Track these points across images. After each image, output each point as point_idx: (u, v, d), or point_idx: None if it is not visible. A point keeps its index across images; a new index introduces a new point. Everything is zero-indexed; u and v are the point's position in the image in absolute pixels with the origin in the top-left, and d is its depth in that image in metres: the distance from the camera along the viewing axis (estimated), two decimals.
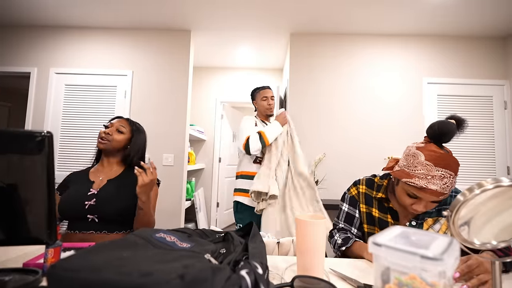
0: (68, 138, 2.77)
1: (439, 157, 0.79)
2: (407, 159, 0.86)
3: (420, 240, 0.38)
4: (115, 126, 1.23)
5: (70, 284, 0.39)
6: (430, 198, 0.80)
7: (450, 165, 0.79)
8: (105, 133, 1.21)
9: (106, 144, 1.20)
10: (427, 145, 0.83)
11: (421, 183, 0.79)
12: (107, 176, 1.21)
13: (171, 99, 2.86)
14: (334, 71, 2.88)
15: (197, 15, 2.63)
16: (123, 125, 1.25)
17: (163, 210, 2.69)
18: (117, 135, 1.22)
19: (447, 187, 0.78)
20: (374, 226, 1.01)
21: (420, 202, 0.84)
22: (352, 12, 2.51)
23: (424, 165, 0.80)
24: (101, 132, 1.22)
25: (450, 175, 0.78)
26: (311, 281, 0.59)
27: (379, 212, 1.00)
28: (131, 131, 1.26)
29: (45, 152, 0.57)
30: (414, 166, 0.82)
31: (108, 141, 1.21)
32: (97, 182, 1.19)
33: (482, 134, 2.73)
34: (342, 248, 0.96)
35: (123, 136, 1.23)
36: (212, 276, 0.41)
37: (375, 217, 1.01)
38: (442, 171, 0.78)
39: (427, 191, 0.79)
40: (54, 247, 0.64)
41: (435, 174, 0.78)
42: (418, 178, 0.80)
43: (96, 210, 1.10)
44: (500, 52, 2.81)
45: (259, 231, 0.72)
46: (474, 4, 2.33)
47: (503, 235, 0.52)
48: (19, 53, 2.87)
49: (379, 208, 1.00)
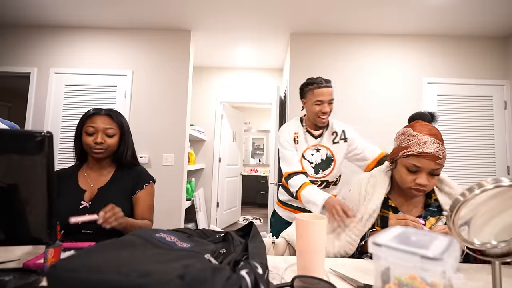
0: (68, 138, 2.76)
1: (425, 127, 0.92)
2: (399, 138, 0.98)
3: (420, 240, 0.38)
4: (101, 130, 1.09)
5: (70, 284, 0.39)
6: (429, 165, 0.87)
7: (436, 134, 0.90)
8: (97, 143, 1.08)
9: (103, 152, 1.11)
10: (413, 122, 0.97)
11: (417, 149, 0.89)
12: (98, 183, 1.12)
13: (171, 99, 2.86)
14: (334, 71, 2.88)
15: (197, 15, 2.63)
16: (108, 126, 1.11)
17: (163, 210, 2.69)
18: (109, 139, 1.11)
19: (440, 151, 0.87)
20: (374, 225, 1.01)
21: (421, 173, 0.89)
22: (352, 12, 2.51)
23: (414, 135, 0.91)
24: (90, 144, 1.08)
25: (439, 142, 0.89)
26: (311, 281, 0.59)
27: (382, 208, 1.00)
28: (118, 128, 1.15)
29: (45, 152, 0.57)
30: (407, 139, 0.93)
31: (104, 149, 1.11)
32: (89, 191, 1.09)
33: (482, 134, 2.72)
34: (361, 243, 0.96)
35: (114, 138, 1.13)
36: (212, 276, 0.41)
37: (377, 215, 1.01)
38: (431, 138, 0.89)
39: (424, 155, 0.87)
40: (54, 247, 0.64)
41: (426, 140, 0.88)
42: (413, 146, 0.90)
43: (90, 226, 1.01)
44: (500, 52, 2.81)
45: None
46: (474, 4, 2.33)
47: (503, 235, 0.52)
48: (19, 53, 2.87)
49: (382, 206, 1.01)
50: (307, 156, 1.45)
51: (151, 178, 1.23)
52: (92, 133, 1.09)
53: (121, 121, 1.16)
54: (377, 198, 0.99)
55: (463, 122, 2.74)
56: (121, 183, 1.15)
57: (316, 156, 1.45)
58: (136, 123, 2.82)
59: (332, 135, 1.49)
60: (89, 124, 1.09)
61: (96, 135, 1.09)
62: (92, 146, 1.09)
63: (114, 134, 1.13)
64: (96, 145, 1.09)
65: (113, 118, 1.14)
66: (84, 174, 1.15)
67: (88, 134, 1.09)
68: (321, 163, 1.45)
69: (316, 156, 1.45)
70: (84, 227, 1.03)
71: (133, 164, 1.22)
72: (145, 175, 1.21)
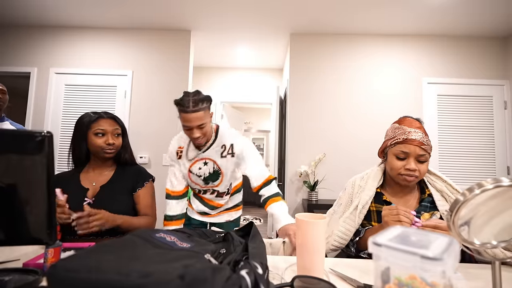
0: (68, 138, 2.76)
1: (410, 121, 1.01)
2: (388, 133, 1.06)
3: (420, 240, 0.38)
4: (110, 131, 1.16)
5: (70, 284, 0.39)
6: (415, 150, 0.94)
7: (420, 127, 0.99)
8: (110, 144, 1.15)
9: (114, 152, 1.18)
10: (399, 118, 1.06)
11: (403, 136, 0.97)
12: (100, 182, 1.17)
13: (171, 99, 2.86)
14: (334, 71, 2.88)
15: (197, 15, 2.63)
16: (116, 127, 1.18)
17: (163, 210, 2.68)
18: (117, 140, 1.18)
19: (424, 138, 0.95)
20: (371, 221, 1.02)
21: (409, 159, 0.95)
22: (352, 13, 2.51)
23: (400, 128, 1.00)
24: (102, 145, 1.14)
25: (423, 133, 0.97)
26: (311, 281, 0.59)
27: (375, 204, 1.03)
28: (121, 129, 1.22)
29: (45, 152, 0.57)
30: (393, 132, 1.02)
31: (115, 149, 1.18)
32: (92, 189, 1.14)
33: (482, 134, 2.72)
34: (356, 239, 0.97)
35: (120, 138, 1.20)
36: (212, 276, 0.41)
37: (371, 210, 1.03)
38: (415, 129, 0.97)
39: (410, 141, 0.95)
40: (54, 247, 0.64)
41: (410, 130, 0.97)
42: (399, 135, 0.99)
43: None
44: (500, 52, 2.81)
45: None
46: (473, 4, 2.33)
47: (503, 235, 0.52)
48: (19, 53, 2.87)
49: (375, 201, 1.03)
50: (194, 170, 1.36)
51: (151, 176, 1.28)
52: (102, 135, 1.15)
53: (122, 122, 1.23)
54: (369, 189, 1.03)
55: (463, 122, 2.74)
56: (122, 181, 1.18)
57: (205, 169, 1.36)
58: (136, 123, 2.82)
59: (221, 148, 1.35)
60: (97, 127, 1.14)
61: (107, 137, 1.15)
62: (104, 147, 1.14)
63: (120, 134, 1.20)
64: (108, 146, 1.15)
65: (116, 120, 1.21)
66: (85, 174, 1.19)
67: (98, 137, 1.14)
68: (210, 176, 1.38)
69: (204, 170, 1.36)
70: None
71: (132, 163, 1.27)
72: (144, 174, 1.26)
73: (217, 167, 1.37)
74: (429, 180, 1.02)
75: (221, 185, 1.42)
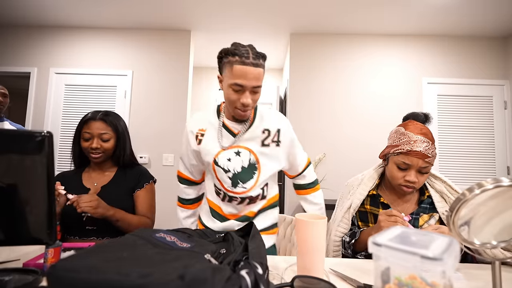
0: (68, 138, 2.76)
1: (416, 126, 0.95)
2: (392, 137, 1.01)
3: (420, 240, 0.38)
4: (96, 136, 1.12)
5: (70, 284, 0.39)
6: (417, 163, 0.90)
7: (426, 133, 0.93)
8: (93, 148, 1.11)
9: (101, 156, 1.14)
10: (405, 122, 1.01)
11: (407, 147, 0.92)
12: (100, 182, 1.16)
13: (171, 99, 2.86)
14: (334, 71, 2.88)
15: (197, 15, 2.63)
16: (103, 131, 1.13)
17: (163, 210, 2.68)
18: (105, 144, 1.13)
19: (429, 150, 0.90)
20: (367, 223, 1.02)
21: (410, 171, 0.92)
22: (352, 12, 2.51)
23: (405, 134, 0.95)
24: (87, 149, 1.11)
25: (429, 141, 0.91)
26: (311, 281, 0.59)
27: (371, 206, 1.02)
28: (113, 131, 1.16)
29: (45, 152, 0.57)
30: (398, 138, 0.96)
31: (101, 153, 1.14)
32: (93, 189, 1.13)
33: (482, 134, 2.72)
34: (352, 242, 0.97)
35: (110, 142, 1.15)
36: (212, 276, 0.41)
37: (368, 213, 1.03)
38: (421, 137, 0.92)
39: (413, 153, 0.90)
40: (54, 247, 0.64)
41: (416, 139, 0.91)
42: (403, 144, 0.93)
43: (94, 222, 1.05)
44: (500, 52, 2.81)
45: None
46: (474, 5, 2.32)
47: (503, 235, 0.52)
48: (19, 53, 2.87)
49: (371, 203, 1.03)
50: (220, 161, 0.98)
51: (152, 177, 1.27)
52: (88, 138, 1.12)
53: (115, 124, 1.17)
54: (360, 193, 1.03)
55: (463, 122, 2.74)
56: (123, 182, 1.18)
57: (235, 163, 0.98)
58: (136, 123, 2.82)
59: (263, 133, 0.99)
60: (85, 130, 1.13)
61: (92, 141, 1.12)
62: (89, 150, 1.13)
63: (109, 139, 1.15)
64: (92, 150, 1.12)
65: (107, 123, 1.15)
66: (87, 174, 1.19)
67: (85, 140, 1.12)
68: (241, 173, 0.98)
69: (234, 163, 0.98)
70: (88, 223, 1.06)
71: (134, 164, 1.25)
72: (146, 175, 1.25)
73: (254, 159, 0.98)
74: (428, 181, 1.01)
75: (255, 188, 1.00)
